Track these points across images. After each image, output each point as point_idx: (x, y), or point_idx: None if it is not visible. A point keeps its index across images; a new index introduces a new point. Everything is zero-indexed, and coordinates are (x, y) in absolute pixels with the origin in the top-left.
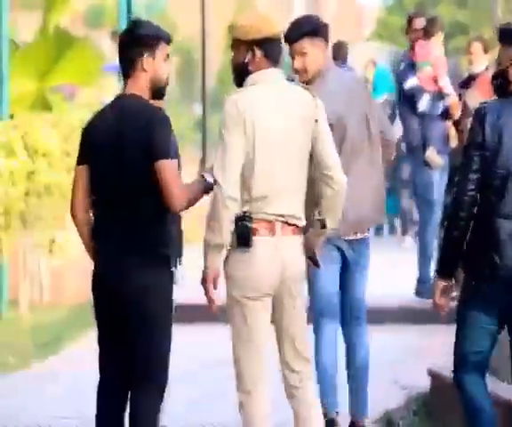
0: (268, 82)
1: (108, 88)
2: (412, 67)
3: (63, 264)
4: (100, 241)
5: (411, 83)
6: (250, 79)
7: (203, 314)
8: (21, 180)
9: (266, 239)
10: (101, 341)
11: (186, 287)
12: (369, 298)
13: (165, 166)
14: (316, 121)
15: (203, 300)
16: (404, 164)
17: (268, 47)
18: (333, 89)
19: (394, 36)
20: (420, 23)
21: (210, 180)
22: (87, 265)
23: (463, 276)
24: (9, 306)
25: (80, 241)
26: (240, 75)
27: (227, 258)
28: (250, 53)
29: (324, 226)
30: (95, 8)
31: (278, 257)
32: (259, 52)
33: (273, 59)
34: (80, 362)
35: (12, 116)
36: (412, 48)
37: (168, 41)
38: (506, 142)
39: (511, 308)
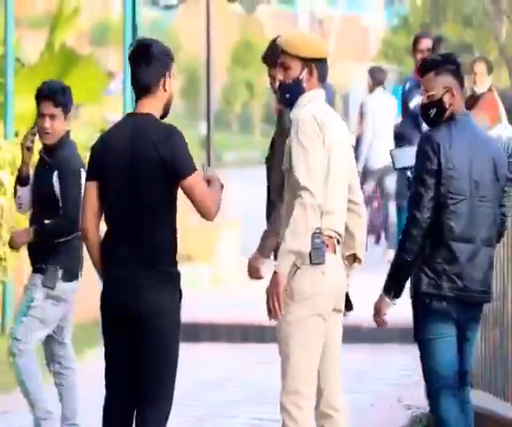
0: (319, 100)
1: (112, 106)
2: (417, 86)
3: None
4: (110, 259)
5: (416, 102)
6: (307, 97)
7: (204, 333)
8: None
9: (332, 256)
10: (108, 359)
11: (187, 306)
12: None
13: (194, 182)
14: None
15: (204, 319)
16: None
17: (323, 67)
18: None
19: (399, 55)
20: (425, 44)
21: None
22: (93, 283)
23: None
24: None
25: (86, 258)
26: (290, 91)
27: (294, 274)
28: (306, 71)
29: (359, 260)
30: (100, 26)
31: (339, 274)
32: (315, 71)
33: (324, 79)
34: (86, 379)
35: (16, 134)
36: (418, 68)
37: (173, 58)
38: (458, 168)
39: (468, 325)
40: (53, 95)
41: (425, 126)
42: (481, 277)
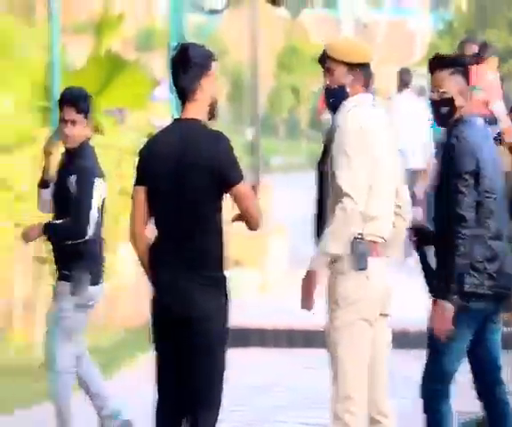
0: (368, 105)
1: (159, 111)
2: None
3: (117, 287)
4: (160, 265)
5: None
6: (352, 101)
7: (254, 338)
8: None
9: (377, 261)
10: (158, 364)
11: (234, 311)
12: (423, 322)
13: (243, 191)
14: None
15: (252, 324)
16: None
17: (368, 72)
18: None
19: None
20: (471, 49)
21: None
22: (141, 288)
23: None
24: None
25: (134, 263)
26: (335, 96)
27: (339, 280)
28: (350, 76)
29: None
30: (146, 32)
31: (384, 278)
32: (360, 76)
33: (369, 83)
34: (135, 384)
35: None
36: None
37: (216, 59)
38: (488, 168)
39: (493, 317)
40: (76, 101)
41: None
42: (511, 272)
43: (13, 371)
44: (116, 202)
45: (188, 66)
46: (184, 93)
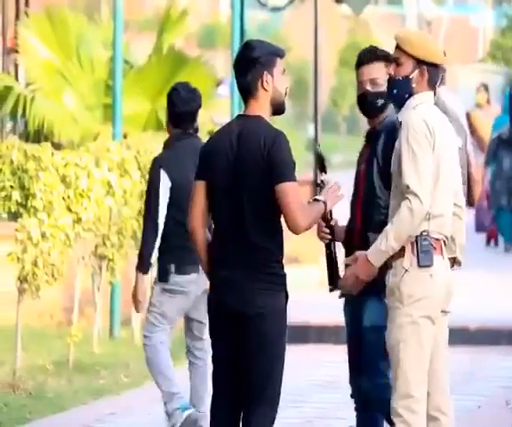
0: (429, 103)
1: (220, 109)
2: None
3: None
4: (217, 262)
5: None
6: (417, 98)
7: (313, 334)
8: (134, 199)
9: (440, 258)
10: (216, 360)
11: (294, 307)
12: (483, 319)
13: (287, 190)
14: (460, 148)
15: (312, 320)
16: None
17: (435, 72)
18: None
19: (507, 57)
20: None
21: (322, 200)
22: None
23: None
24: (121, 326)
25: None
26: (398, 87)
27: (402, 277)
28: (417, 71)
29: (458, 263)
30: (208, 28)
31: (447, 276)
32: (426, 74)
33: (434, 84)
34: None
35: (125, 136)
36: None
37: (282, 55)
38: None
39: None
40: None
41: None
42: None
43: (72, 367)
44: None
45: (249, 62)
46: (246, 90)
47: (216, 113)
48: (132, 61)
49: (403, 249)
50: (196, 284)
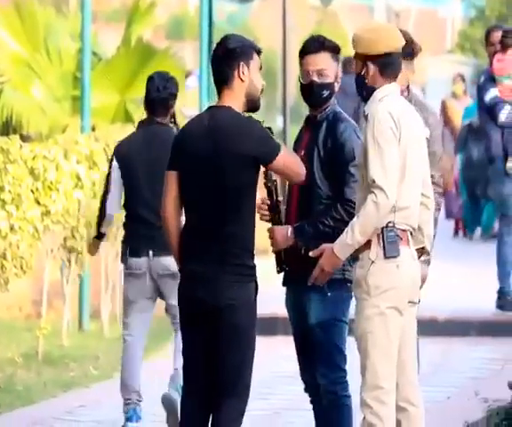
0: (394, 95)
1: (190, 100)
2: (492, 79)
3: None
4: (185, 251)
5: (491, 95)
6: (381, 91)
7: (280, 327)
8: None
9: (406, 249)
10: (185, 354)
11: (262, 299)
12: (452, 309)
13: (280, 164)
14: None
15: (279, 312)
16: None
17: (384, 63)
18: None
19: (476, 48)
20: (496, 37)
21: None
22: None
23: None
24: (90, 318)
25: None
26: (359, 86)
27: (369, 269)
28: (365, 68)
29: (427, 253)
30: (177, 20)
31: (414, 266)
32: (372, 68)
33: (388, 75)
34: (163, 373)
35: (93, 128)
36: (492, 61)
37: (259, 52)
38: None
39: None
40: None
41: (501, 118)
42: None
43: (41, 359)
44: None
45: (223, 54)
46: (220, 81)
47: (185, 105)
48: (100, 53)
49: (369, 241)
50: (149, 267)
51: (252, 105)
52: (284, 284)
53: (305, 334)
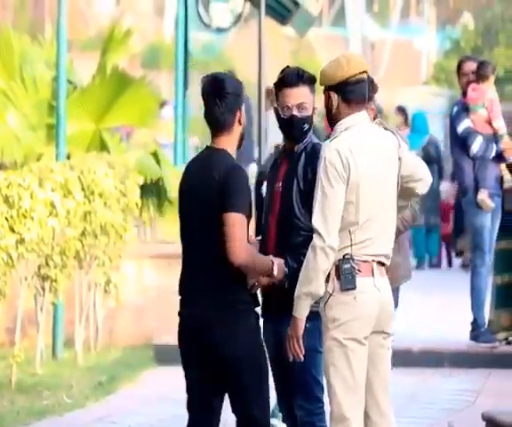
0: (357, 127)
1: (165, 129)
2: (465, 110)
3: (118, 304)
4: (182, 292)
5: (464, 126)
6: (339, 126)
7: None
8: (77, 220)
9: (367, 280)
10: (190, 385)
11: None
12: (424, 341)
13: (228, 220)
14: (400, 159)
15: None
16: None
17: (344, 91)
18: None
19: (451, 79)
20: (469, 67)
21: (275, 273)
22: (141, 306)
23: None
24: (64, 346)
25: (136, 281)
26: (328, 119)
27: (327, 302)
28: (329, 99)
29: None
30: (153, 49)
31: (378, 297)
32: (335, 98)
33: (352, 103)
34: (135, 402)
35: (68, 157)
36: (464, 92)
37: (243, 90)
38: None
39: None
40: None
41: (473, 149)
42: None
43: (14, 388)
44: (119, 219)
45: (224, 98)
46: (219, 124)
47: (160, 134)
48: (75, 81)
49: (328, 274)
50: None
51: (241, 141)
52: (264, 313)
53: (282, 364)
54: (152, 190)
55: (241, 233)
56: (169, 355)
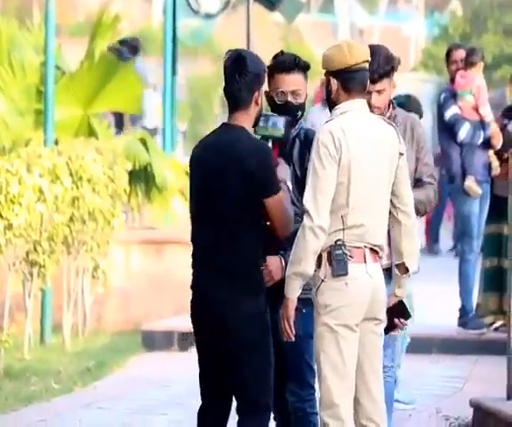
0: (354, 112)
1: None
2: (452, 97)
3: (106, 290)
4: (196, 269)
5: (451, 112)
6: (336, 110)
7: None
8: (66, 205)
9: (359, 266)
10: (202, 367)
11: None
12: (414, 327)
13: (270, 204)
14: (401, 154)
15: None
16: None
17: (344, 78)
18: None
19: (439, 66)
20: (458, 54)
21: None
22: (129, 292)
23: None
24: (52, 332)
25: (124, 267)
26: (328, 103)
27: (319, 288)
28: (329, 84)
29: (406, 270)
30: (141, 35)
31: (370, 283)
32: (335, 83)
33: (350, 90)
34: (123, 388)
35: (56, 142)
36: (453, 79)
37: (266, 70)
38: None
39: None
40: None
41: (461, 136)
42: None
43: (2, 373)
44: (107, 204)
45: (243, 75)
46: (235, 101)
47: (148, 120)
48: (63, 67)
49: (320, 260)
50: None
51: (257, 120)
52: None
53: (276, 348)
54: (140, 176)
55: (283, 209)
56: (157, 341)
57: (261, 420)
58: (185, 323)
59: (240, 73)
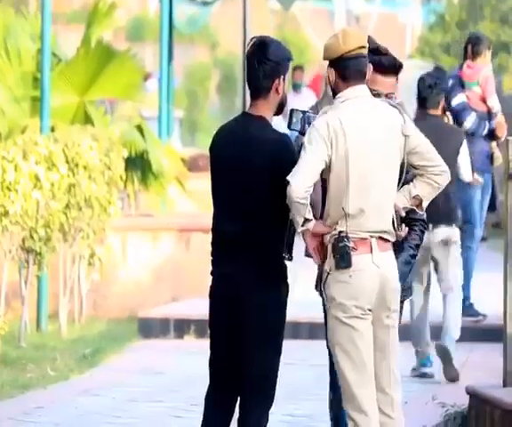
0: (356, 100)
1: (149, 102)
2: (460, 85)
3: (102, 277)
4: (218, 255)
5: (458, 100)
6: (337, 98)
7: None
8: (62, 192)
9: (364, 257)
10: (213, 350)
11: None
12: (408, 315)
13: None
14: (407, 136)
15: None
16: None
17: (340, 66)
18: None
19: (435, 53)
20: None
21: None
22: (125, 279)
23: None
24: (48, 319)
25: (121, 254)
26: (332, 94)
27: (325, 281)
28: (331, 72)
29: (420, 204)
30: (137, 22)
31: (377, 273)
32: (332, 73)
33: (348, 78)
34: (120, 375)
35: (52, 129)
36: (461, 67)
37: (292, 58)
38: None
39: None
40: None
41: (466, 125)
42: None
43: None
44: (103, 191)
45: (263, 63)
46: (258, 89)
47: (144, 107)
48: (60, 54)
49: (327, 252)
50: None
51: (278, 110)
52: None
53: None
54: (136, 163)
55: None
56: (153, 328)
57: (269, 399)
58: (181, 310)
59: (260, 60)
